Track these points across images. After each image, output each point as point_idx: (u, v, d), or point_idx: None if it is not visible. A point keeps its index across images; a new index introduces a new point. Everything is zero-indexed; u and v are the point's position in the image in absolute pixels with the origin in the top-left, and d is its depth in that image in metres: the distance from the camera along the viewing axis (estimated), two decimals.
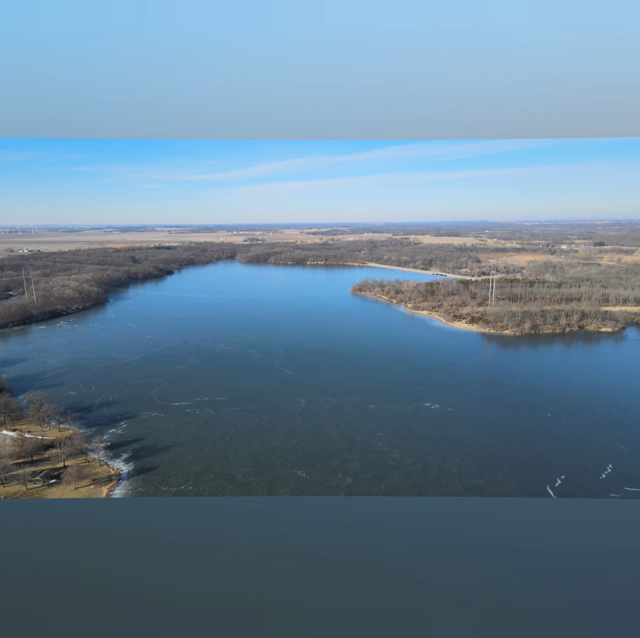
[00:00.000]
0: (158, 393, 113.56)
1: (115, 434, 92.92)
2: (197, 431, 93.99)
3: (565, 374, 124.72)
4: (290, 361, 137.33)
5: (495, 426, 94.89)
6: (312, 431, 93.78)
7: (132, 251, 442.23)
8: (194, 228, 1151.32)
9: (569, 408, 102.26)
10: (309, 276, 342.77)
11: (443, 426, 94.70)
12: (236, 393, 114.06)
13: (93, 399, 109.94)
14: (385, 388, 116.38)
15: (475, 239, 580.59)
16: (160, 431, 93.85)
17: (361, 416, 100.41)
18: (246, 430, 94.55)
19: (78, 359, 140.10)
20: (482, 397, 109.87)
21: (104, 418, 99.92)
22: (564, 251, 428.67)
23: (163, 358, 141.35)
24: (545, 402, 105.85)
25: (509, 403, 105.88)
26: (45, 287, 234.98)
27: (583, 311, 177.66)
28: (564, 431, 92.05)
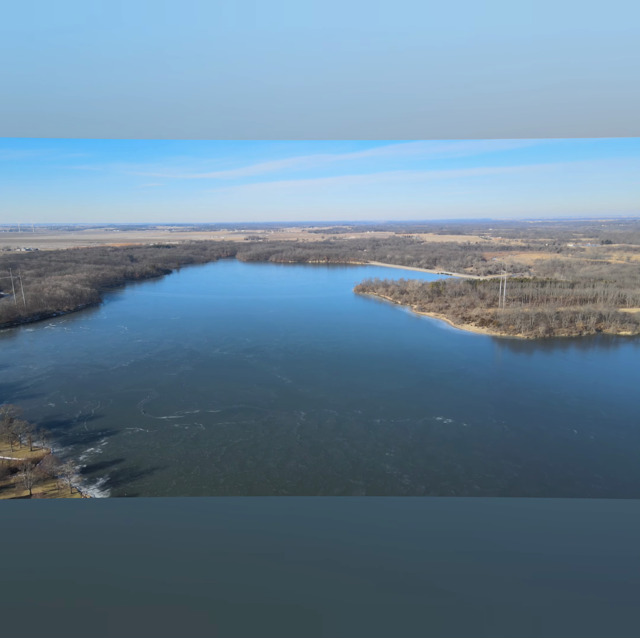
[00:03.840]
0: (145, 405, 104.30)
1: (93, 454, 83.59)
2: (185, 450, 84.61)
3: (588, 384, 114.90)
4: (289, 368, 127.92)
5: (516, 444, 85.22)
6: (312, 450, 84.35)
7: (131, 250, 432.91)
8: (195, 227, 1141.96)
9: (596, 423, 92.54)
10: (310, 276, 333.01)
11: (458, 445, 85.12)
12: (230, 404, 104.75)
13: (73, 412, 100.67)
14: (392, 398, 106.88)
15: (479, 237, 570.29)
16: (143, 450, 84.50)
17: (366, 432, 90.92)
18: (239, 448, 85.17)
19: (62, 366, 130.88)
20: (498, 410, 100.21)
21: (83, 435, 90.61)
22: (570, 249, 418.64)
23: (154, 365, 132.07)
24: (570, 416, 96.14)
25: (529, 417, 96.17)
26: (36, 287, 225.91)
27: (600, 313, 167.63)
28: (595, 452, 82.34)
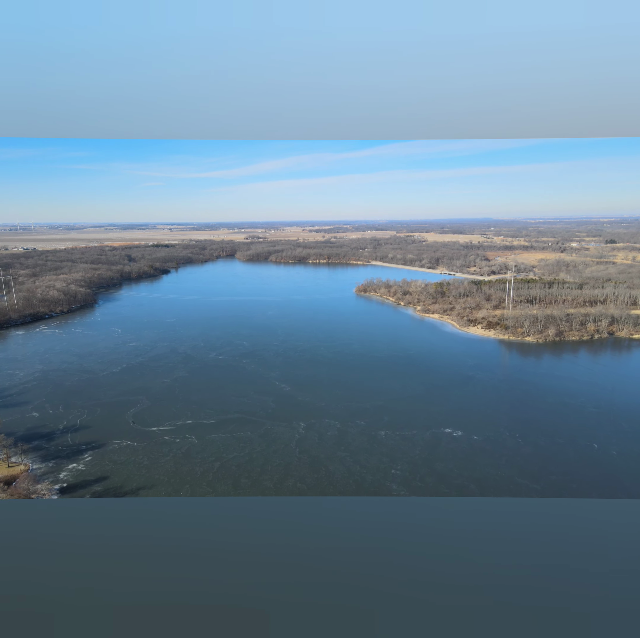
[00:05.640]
0: (135, 415, 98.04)
1: (74, 471, 77.33)
2: (175, 466, 78.35)
3: (605, 392, 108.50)
4: (288, 374, 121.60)
5: (532, 461, 78.90)
6: (312, 467, 78.07)
7: (129, 249, 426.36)
8: (196, 226, 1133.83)
9: (618, 437, 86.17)
10: (310, 276, 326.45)
11: (469, 462, 78.81)
12: (225, 414, 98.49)
13: (58, 423, 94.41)
14: (397, 408, 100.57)
15: (481, 236, 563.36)
16: (130, 467, 78.25)
17: (370, 446, 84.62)
18: (233, 464, 78.92)
19: (50, 372, 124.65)
20: (511, 421, 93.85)
21: (66, 449, 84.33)
22: (574, 249, 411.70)
23: (146, 370, 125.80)
24: (588, 428, 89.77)
25: (544, 429, 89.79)
26: (29, 288, 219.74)
27: (612, 315, 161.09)
28: (619, 469, 76.02)
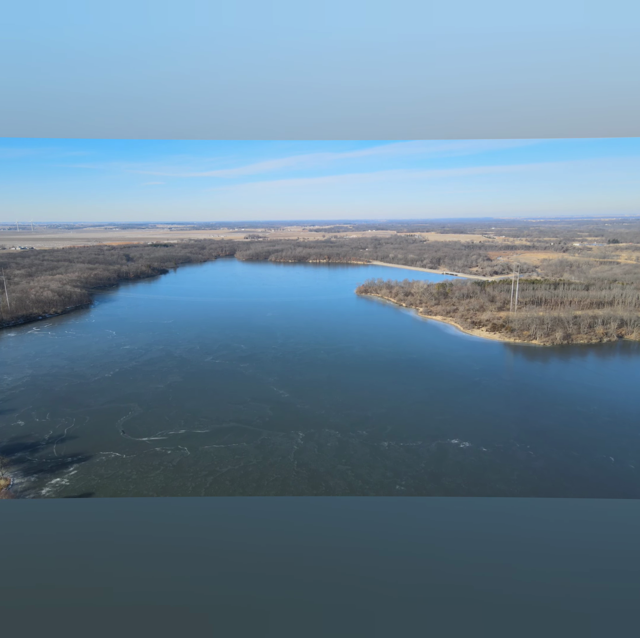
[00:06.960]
0: (125, 423, 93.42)
1: (58, 486, 72.70)
2: (165, 481, 73.72)
3: (618, 399, 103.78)
4: (286, 380, 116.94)
5: (546, 475, 74.23)
6: (310, 481, 73.43)
7: (128, 249, 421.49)
8: (196, 225, 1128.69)
9: (634, 449, 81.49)
10: (310, 276, 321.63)
11: (479, 477, 74.16)
12: (220, 422, 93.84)
13: (44, 432, 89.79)
14: (401, 416, 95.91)
15: (482, 236, 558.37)
16: (117, 481, 73.62)
17: (373, 458, 79.98)
18: (227, 479, 74.29)
19: (40, 376, 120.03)
20: (521, 431, 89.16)
21: (51, 461, 79.72)
22: (577, 248, 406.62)
23: (139, 375, 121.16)
24: (603, 440, 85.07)
25: (557, 440, 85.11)
26: (23, 288, 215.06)
27: (621, 317, 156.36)
28: (639, 486, 71.42)
